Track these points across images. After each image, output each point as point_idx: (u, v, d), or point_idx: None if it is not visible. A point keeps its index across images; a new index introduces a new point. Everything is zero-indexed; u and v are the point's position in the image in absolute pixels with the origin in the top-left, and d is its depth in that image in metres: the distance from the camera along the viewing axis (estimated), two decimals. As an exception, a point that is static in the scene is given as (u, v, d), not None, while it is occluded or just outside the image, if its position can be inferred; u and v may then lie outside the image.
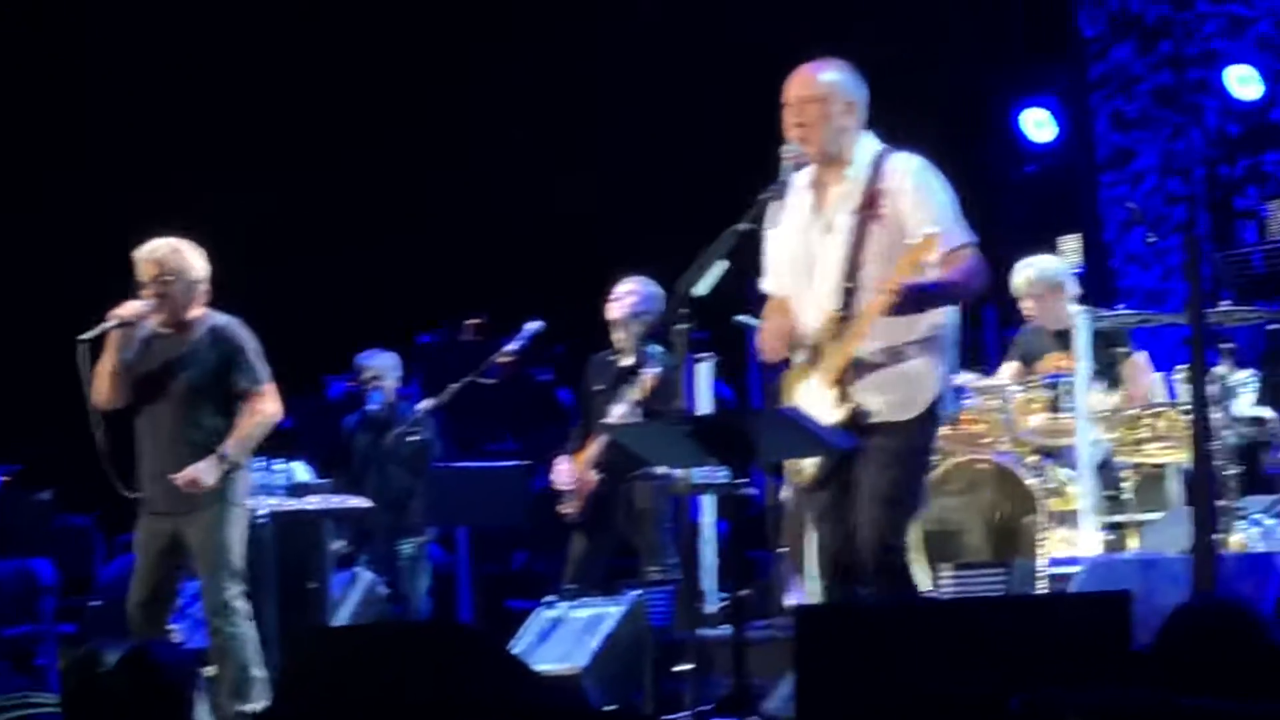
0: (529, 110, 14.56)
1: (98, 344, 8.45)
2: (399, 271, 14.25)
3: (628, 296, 10.22)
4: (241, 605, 8.42)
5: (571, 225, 14.15)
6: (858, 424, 6.56)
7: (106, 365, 8.51)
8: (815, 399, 6.62)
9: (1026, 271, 9.66)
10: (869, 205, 6.56)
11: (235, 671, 8.34)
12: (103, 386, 8.51)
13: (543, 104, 14.59)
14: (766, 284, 6.90)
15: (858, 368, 6.56)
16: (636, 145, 14.31)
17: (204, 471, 8.36)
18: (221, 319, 8.62)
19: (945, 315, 6.63)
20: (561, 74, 14.69)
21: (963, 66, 13.79)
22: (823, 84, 6.66)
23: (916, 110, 6.87)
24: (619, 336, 10.29)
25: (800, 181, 6.75)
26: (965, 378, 9.07)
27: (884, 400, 6.55)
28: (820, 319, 6.64)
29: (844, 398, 6.57)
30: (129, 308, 8.45)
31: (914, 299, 6.40)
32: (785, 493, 9.34)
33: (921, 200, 6.53)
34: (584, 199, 14.20)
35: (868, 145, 6.68)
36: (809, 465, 6.76)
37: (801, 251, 6.72)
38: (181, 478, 8.34)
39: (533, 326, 10.95)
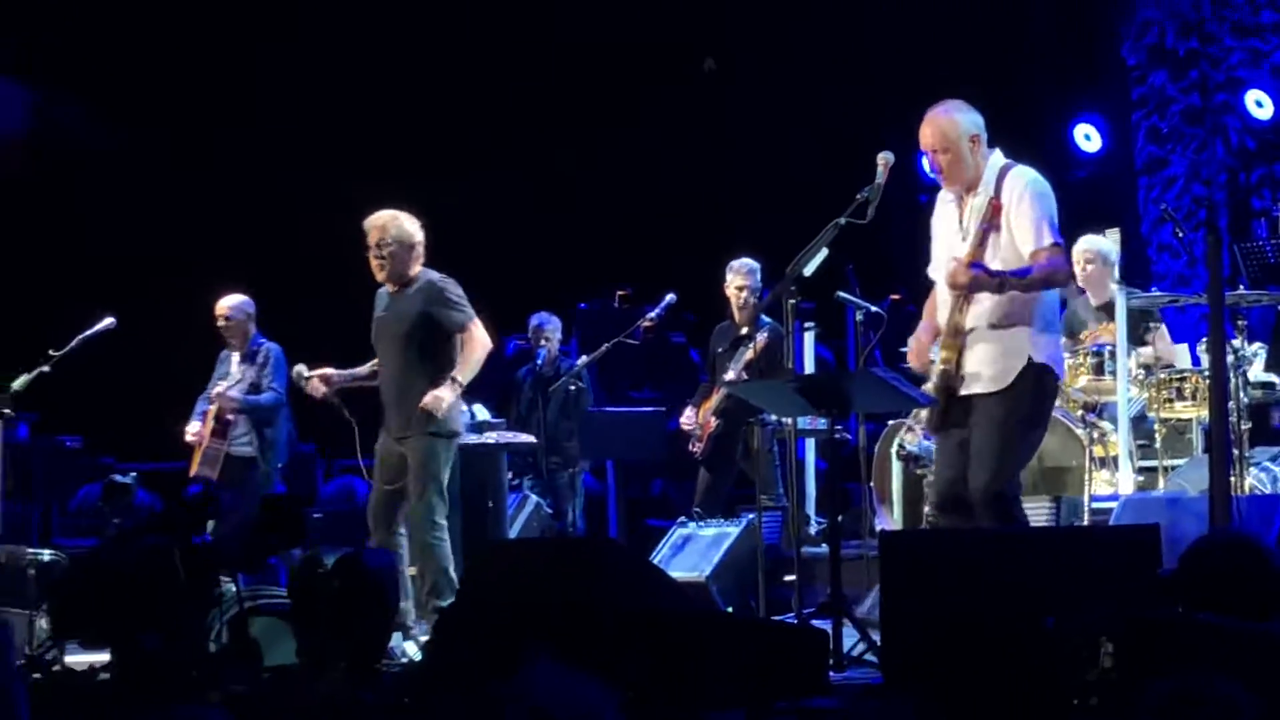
0: (678, 116, 14.54)
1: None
2: (564, 249, 14.29)
3: (742, 279, 10.26)
4: (442, 520, 8.31)
5: (702, 213, 14.15)
6: (955, 383, 6.51)
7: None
8: (936, 362, 6.58)
9: (1083, 243, 9.54)
10: (991, 218, 6.51)
11: (434, 574, 8.24)
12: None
13: (689, 111, 14.58)
14: (931, 270, 6.82)
15: (965, 335, 6.50)
16: (756, 148, 14.30)
17: (443, 394, 8.25)
18: (433, 274, 8.52)
19: (1044, 300, 6.55)
20: (695, 88, 14.70)
21: (1027, 88, 13.67)
22: (950, 131, 6.58)
23: (991, 127, 6.80)
24: (737, 309, 10.32)
25: (950, 194, 6.71)
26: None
27: (988, 367, 6.48)
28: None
29: (948, 361, 6.51)
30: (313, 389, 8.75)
31: (988, 277, 6.37)
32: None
33: (1022, 212, 6.48)
34: (712, 191, 14.21)
35: (994, 163, 6.61)
36: (924, 415, 6.75)
37: (947, 253, 6.68)
38: (427, 400, 8.24)
39: (669, 297, 10.98)
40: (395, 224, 8.46)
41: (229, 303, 10.31)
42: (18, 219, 14.50)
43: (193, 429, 10.23)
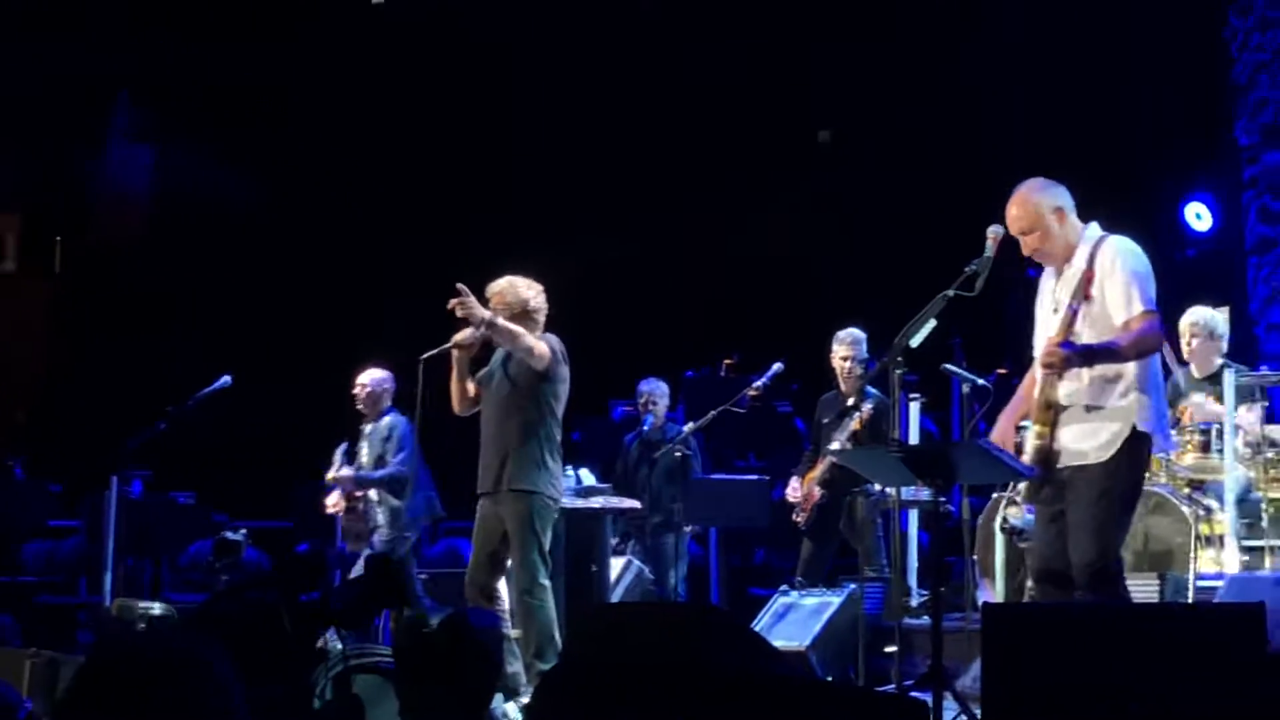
0: (789, 185, 14.58)
1: (441, 362, 8.55)
2: (673, 317, 14.35)
3: (847, 350, 10.25)
4: (545, 582, 8.30)
5: (810, 282, 14.16)
6: (1052, 456, 6.47)
7: (454, 380, 8.59)
8: (1030, 436, 6.56)
9: (1191, 314, 9.47)
10: (1083, 288, 6.49)
11: (537, 636, 8.26)
12: (454, 398, 8.62)
13: (800, 181, 14.62)
14: (1032, 351, 6.82)
15: (1057, 410, 6.47)
16: (866, 218, 14.30)
17: (483, 309, 8.28)
18: (551, 339, 8.53)
19: (1143, 369, 6.50)
20: (802, 163, 14.72)
21: (1140, 167, 13.61)
22: (1032, 211, 6.56)
23: (1103, 204, 6.78)
24: (842, 379, 10.31)
25: (1049, 272, 6.71)
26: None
27: (1083, 439, 6.45)
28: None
29: (1041, 435, 6.49)
30: (462, 334, 8.48)
31: (1078, 355, 6.35)
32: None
33: (1115, 280, 6.46)
34: (821, 261, 14.22)
35: (1090, 235, 6.59)
36: (1024, 486, 6.74)
37: (1043, 330, 6.67)
38: (465, 302, 8.21)
39: (776, 367, 10.97)
40: (512, 289, 8.56)
41: (364, 376, 10.74)
42: (141, 278, 14.74)
43: (331, 500, 10.66)
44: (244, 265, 15.07)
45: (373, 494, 10.53)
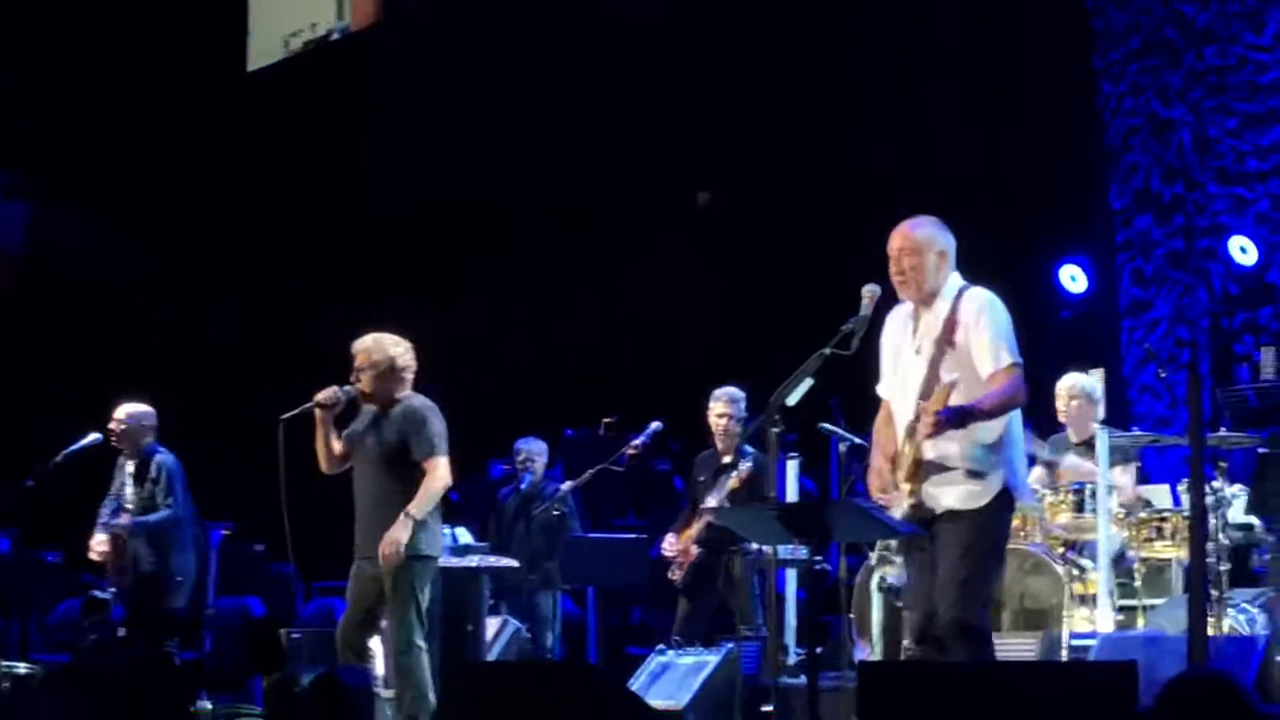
0: (668, 245, 14.61)
1: (305, 421, 8.38)
2: (551, 376, 14.33)
3: (724, 408, 10.27)
4: (421, 643, 8.17)
5: (689, 341, 14.18)
6: (924, 514, 6.49)
7: (319, 440, 8.42)
8: (898, 491, 6.57)
9: (1067, 380, 9.62)
10: (946, 335, 6.54)
11: (412, 696, 8.13)
12: (320, 458, 8.44)
13: (678, 241, 14.64)
14: (880, 389, 6.86)
15: (926, 467, 6.50)
16: (744, 278, 14.36)
17: (398, 532, 8.14)
18: (418, 401, 8.42)
19: (1007, 423, 6.54)
20: (678, 228, 14.77)
21: (1015, 229, 13.76)
22: (919, 238, 6.61)
23: (981, 263, 6.85)
24: (719, 437, 10.32)
25: (905, 310, 6.75)
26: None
27: (952, 494, 6.47)
28: (904, 426, 6.62)
29: (912, 492, 6.51)
30: (324, 393, 8.35)
31: (953, 419, 6.37)
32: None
33: (980, 332, 6.50)
34: (700, 320, 14.25)
35: (953, 283, 6.64)
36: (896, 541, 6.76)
37: (898, 368, 6.71)
38: (384, 546, 8.12)
39: (654, 425, 10.97)
40: (379, 347, 8.43)
41: (121, 410, 10.33)
42: (8, 334, 14.54)
43: (98, 543, 10.24)
44: (118, 324, 14.91)
45: (142, 542, 10.17)
